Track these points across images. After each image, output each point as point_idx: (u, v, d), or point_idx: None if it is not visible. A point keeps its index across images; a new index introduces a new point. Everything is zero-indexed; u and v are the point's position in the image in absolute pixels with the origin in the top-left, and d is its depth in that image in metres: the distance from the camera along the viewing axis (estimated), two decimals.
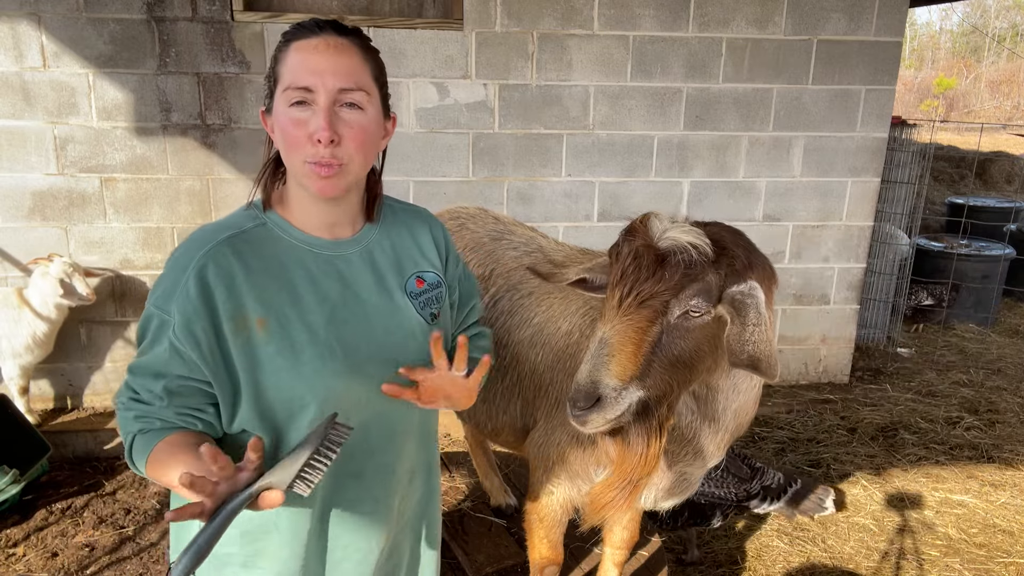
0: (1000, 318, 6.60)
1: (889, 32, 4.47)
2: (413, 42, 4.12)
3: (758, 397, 1.68)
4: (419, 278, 1.41)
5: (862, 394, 4.87)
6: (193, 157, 4.11)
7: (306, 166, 1.23)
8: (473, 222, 2.55)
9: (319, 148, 1.21)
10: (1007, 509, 3.61)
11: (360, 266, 1.35)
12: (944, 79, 27.19)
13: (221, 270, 1.22)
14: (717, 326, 1.38)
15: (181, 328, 1.19)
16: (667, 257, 1.33)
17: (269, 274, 1.26)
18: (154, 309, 1.23)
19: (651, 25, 4.27)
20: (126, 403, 1.25)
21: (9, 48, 3.84)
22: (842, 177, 4.69)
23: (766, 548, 3.27)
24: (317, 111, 1.21)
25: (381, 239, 1.40)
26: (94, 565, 3.08)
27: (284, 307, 1.25)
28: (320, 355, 1.25)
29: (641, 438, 1.36)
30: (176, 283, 1.21)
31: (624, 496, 1.42)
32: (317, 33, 1.24)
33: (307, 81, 1.21)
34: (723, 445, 1.73)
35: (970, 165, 11.37)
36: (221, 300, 1.21)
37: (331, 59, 1.22)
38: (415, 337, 1.37)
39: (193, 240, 1.27)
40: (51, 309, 3.83)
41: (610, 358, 1.29)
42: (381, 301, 1.35)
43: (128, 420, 1.24)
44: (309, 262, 1.30)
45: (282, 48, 1.26)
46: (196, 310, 1.19)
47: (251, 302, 1.23)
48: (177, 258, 1.25)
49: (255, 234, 1.28)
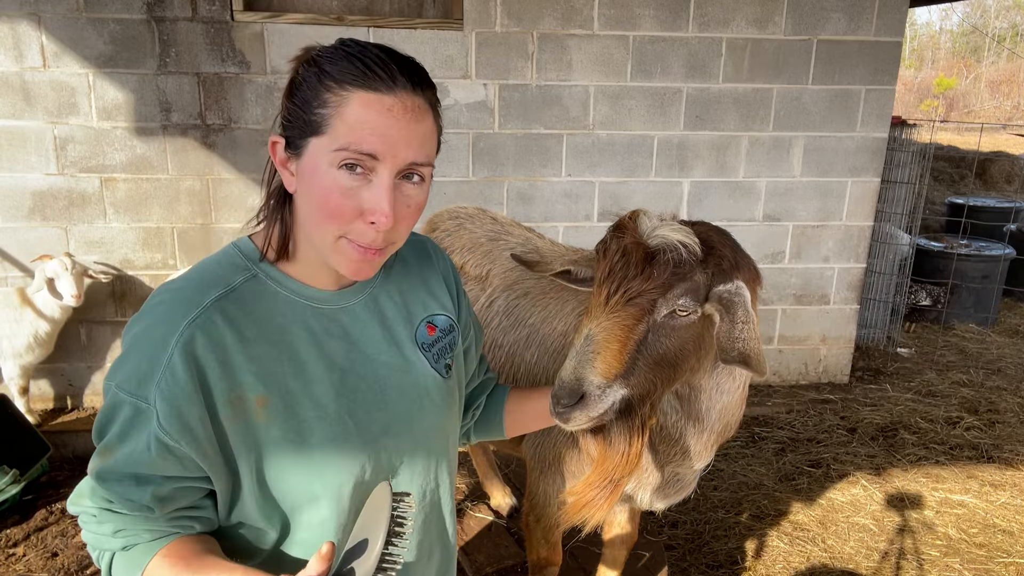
0: (1000, 318, 6.60)
1: (889, 32, 4.47)
2: (413, 42, 4.12)
3: (743, 398, 1.68)
4: (430, 324, 1.23)
5: (862, 394, 4.87)
6: (193, 157, 4.11)
7: (342, 242, 1.02)
8: (471, 222, 2.55)
9: (370, 231, 1.00)
10: (1007, 509, 3.60)
11: (366, 318, 1.15)
12: (944, 79, 27.19)
13: (212, 342, 0.99)
14: (702, 326, 1.38)
15: (169, 419, 0.96)
16: (656, 255, 1.32)
17: (267, 341, 1.04)
18: (124, 395, 0.97)
19: (651, 25, 4.27)
20: (98, 514, 1.02)
21: (9, 48, 3.84)
22: (842, 177, 4.69)
23: (766, 548, 3.27)
24: (377, 186, 0.98)
25: (386, 283, 1.21)
26: (94, 565, 3.08)
27: (287, 380, 1.04)
28: (332, 436, 1.06)
29: (623, 437, 1.35)
30: (154, 362, 0.97)
31: (605, 495, 1.41)
32: (391, 87, 0.98)
33: (375, 148, 0.97)
34: (710, 445, 1.74)
35: (970, 165, 11.37)
36: (215, 380, 0.99)
37: (407, 127, 0.99)
38: (430, 396, 1.19)
39: (169, 305, 1.01)
40: (55, 309, 3.83)
41: (595, 355, 1.28)
42: (391, 359, 1.16)
43: (103, 537, 1.03)
44: (311, 320, 1.09)
45: (334, 87, 0.98)
46: (187, 395, 0.97)
47: (248, 378, 1.01)
48: (149, 329, 0.99)
49: (246, 291, 1.05)
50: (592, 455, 1.39)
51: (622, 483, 1.41)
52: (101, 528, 1.03)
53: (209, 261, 1.09)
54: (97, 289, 4.05)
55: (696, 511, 3.50)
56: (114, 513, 1.02)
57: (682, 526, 3.40)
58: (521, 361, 2.14)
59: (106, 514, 1.02)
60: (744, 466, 3.95)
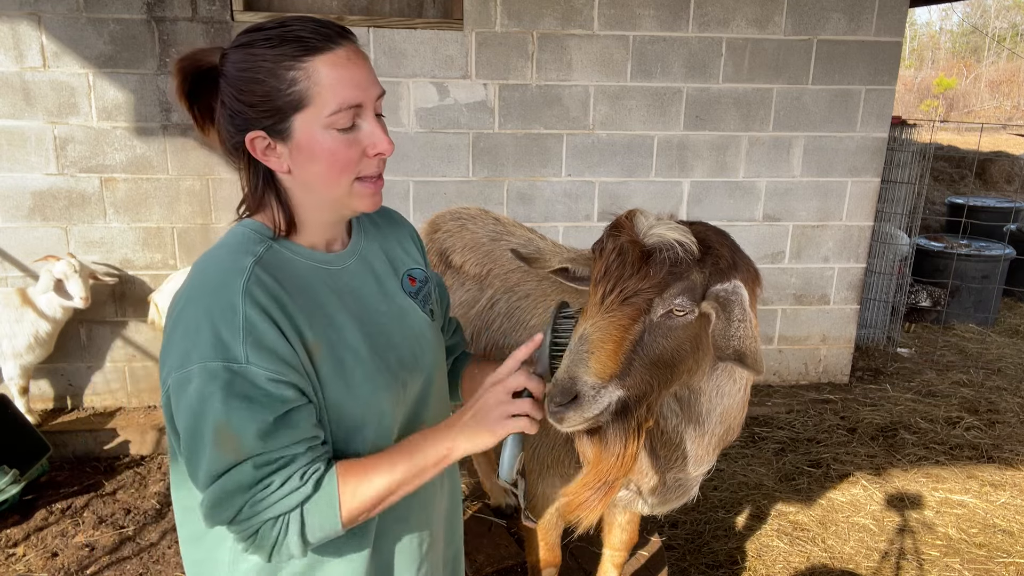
0: (1000, 318, 6.60)
1: (889, 32, 4.47)
2: (413, 42, 4.12)
3: (745, 401, 1.67)
4: (411, 276, 1.38)
5: (862, 394, 4.87)
6: (193, 157, 4.11)
7: (356, 185, 1.15)
8: (473, 222, 2.56)
9: (374, 162, 1.15)
10: (1007, 509, 3.61)
11: (363, 275, 1.29)
12: (944, 79, 27.19)
13: (268, 295, 1.08)
14: (699, 326, 1.37)
15: (269, 361, 1.04)
16: (652, 254, 1.30)
17: (302, 297, 1.14)
18: (215, 365, 1.01)
19: (651, 25, 4.27)
20: (262, 494, 1.04)
21: (9, 48, 3.84)
22: (842, 177, 4.69)
23: (766, 548, 3.27)
24: (370, 126, 1.13)
25: (370, 244, 1.35)
26: (94, 565, 3.08)
27: (326, 329, 1.15)
28: (368, 375, 1.18)
29: (619, 438, 1.33)
30: (231, 326, 1.03)
31: (599, 497, 1.39)
32: (339, 42, 1.10)
33: (359, 97, 1.10)
34: (712, 450, 1.72)
35: (970, 165, 11.37)
36: (284, 325, 1.08)
37: (365, 67, 1.13)
38: (426, 337, 1.34)
39: (217, 276, 1.09)
40: (56, 309, 3.83)
41: (590, 355, 1.26)
42: (389, 307, 1.30)
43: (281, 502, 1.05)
44: (327, 280, 1.21)
45: (298, 65, 1.07)
46: (273, 338, 1.05)
47: (304, 325, 1.11)
48: (208, 304, 1.06)
49: (270, 258, 1.15)
50: (587, 456, 1.37)
51: (616, 485, 1.39)
52: (274, 499, 1.04)
53: (224, 242, 1.17)
54: (97, 289, 4.05)
55: (696, 511, 3.50)
56: (278, 472, 1.05)
57: (682, 526, 3.40)
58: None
59: (271, 480, 1.04)
60: (744, 466, 3.95)
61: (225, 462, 1.03)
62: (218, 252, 1.14)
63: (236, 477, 1.03)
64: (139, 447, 4.05)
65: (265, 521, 1.05)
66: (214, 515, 1.05)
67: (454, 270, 2.47)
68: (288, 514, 1.06)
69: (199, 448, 1.03)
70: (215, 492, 1.04)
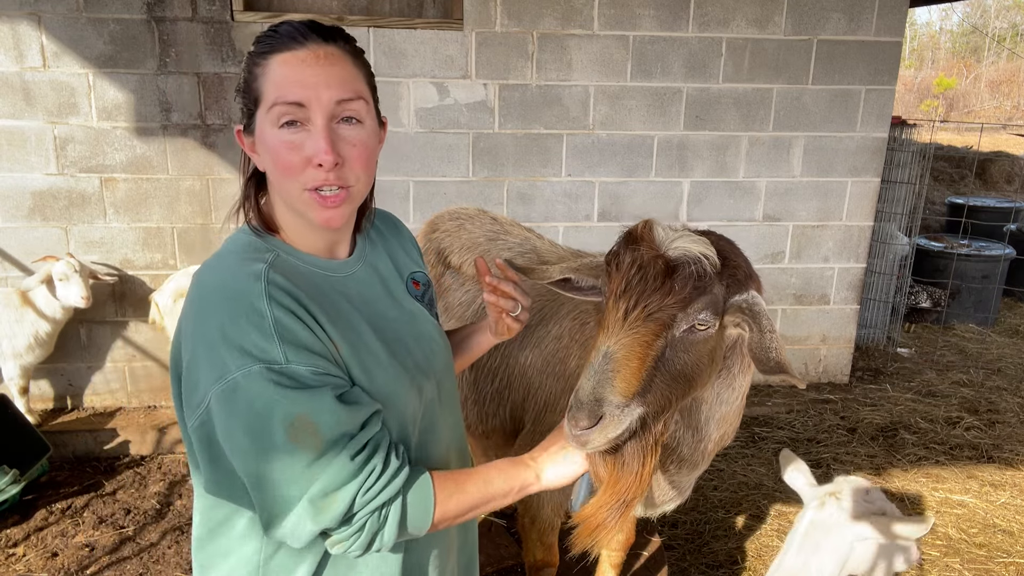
0: (1000, 318, 6.60)
1: (889, 32, 4.46)
2: (413, 42, 4.12)
3: (741, 408, 1.66)
4: (414, 280, 1.39)
5: (862, 394, 4.87)
6: (193, 157, 4.11)
7: (306, 195, 1.11)
8: (471, 223, 2.56)
9: (320, 172, 1.09)
10: (1007, 509, 3.60)
11: (370, 282, 1.28)
12: (944, 79, 27.18)
13: (289, 296, 1.08)
14: (717, 339, 1.35)
15: (306, 355, 1.04)
16: (677, 269, 1.26)
17: (318, 301, 1.13)
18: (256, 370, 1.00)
19: (651, 25, 4.27)
20: (363, 478, 1.05)
21: (9, 48, 3.84)
22: (842, 177, 4.69)
23: (766, 548, 3.27)
24: (315, 131, 1.09)
25: (375, 249, 1.35)
26: (94, 565, 3.08)
27: (346, 332, 1.14)
28: (388, 380, 1.17)
29: (637, 456, 1.30)
30: (261, 329, 1.02)
31: (616, 516, 1.35)
32: (301, 43, 1.09)
33: (298, 95, 1.08)
34: (707, 453, 1.72)
35: (970, 165, 11.36)
36: (310, 323, 1.08)
37: (323, 71, 1.09)
38: (436, 340, 1.35)
39: (235, 283, 1.08)
40: (56, 309, 3.83)
41: (615, 374, 1.22)
42: (400, 313, 1.30)
43: (386, 490, 1.07)
44: (337, 287, 1.20)
45: (259, 61, 1.11)
46: (304, 334, 1.05)
47: (327, 325, 1.11)
48: (231, 312, 1.04)
49: (279, 264, 1.13)
50: (601, 477, 1.33)
51: (634, 503, 1.35)
52: (382, 483, 1.06)
53: (229, 249, 1.16)
54: (97, 289, 4.05)
55: (696, 511, 3.50)
56: (374, 455, 1.07)
57: (682, 526, 3.40)
58: (516, 363, 2.14)
59: (373, 466, 1.06)
60: (744, 466, 3.95)
61: (308, 458, 1.01)
62: (226, 260, 1.13)
63: (338, 472, 1.03)
64: (139, 447, 4.05)
65: (373, 512, 1.07)
66: (321, 517, 1.03)
67: (452, 270, 2.47)
68: (390, 503, 1.08)
69: (272, 453, 1.01)
70: (319, 492, 1.02)
